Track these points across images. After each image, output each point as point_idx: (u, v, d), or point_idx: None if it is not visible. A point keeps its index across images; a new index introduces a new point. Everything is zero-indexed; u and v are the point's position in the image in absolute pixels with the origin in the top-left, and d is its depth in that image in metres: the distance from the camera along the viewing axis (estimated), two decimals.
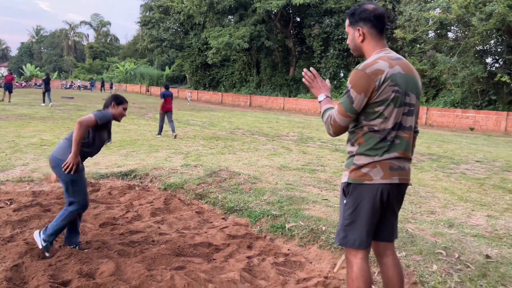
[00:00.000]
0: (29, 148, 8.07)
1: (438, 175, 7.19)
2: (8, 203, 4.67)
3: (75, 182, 3.34)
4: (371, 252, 2.38)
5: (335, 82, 30.86)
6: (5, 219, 4.09)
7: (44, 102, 20.50)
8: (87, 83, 56.28)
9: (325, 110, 2.26)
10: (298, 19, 34.57)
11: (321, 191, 5.67)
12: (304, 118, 22.49)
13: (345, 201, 2.21)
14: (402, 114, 2.12)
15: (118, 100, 3.55)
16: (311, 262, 3.61)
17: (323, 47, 30.57)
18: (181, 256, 3.48)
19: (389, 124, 2.09)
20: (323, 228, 3.99)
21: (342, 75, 31.79)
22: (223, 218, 4.64)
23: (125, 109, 3.57)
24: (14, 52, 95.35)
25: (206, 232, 4.13)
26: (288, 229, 4.10)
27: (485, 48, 21.54)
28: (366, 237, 2.17)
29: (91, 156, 3.59)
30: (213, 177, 5.95)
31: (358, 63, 29.20)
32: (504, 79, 18.83)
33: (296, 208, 4.60)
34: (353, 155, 2.18)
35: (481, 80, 20.44)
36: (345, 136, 2.34)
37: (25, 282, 2.90)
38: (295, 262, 3.57)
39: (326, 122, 2.22)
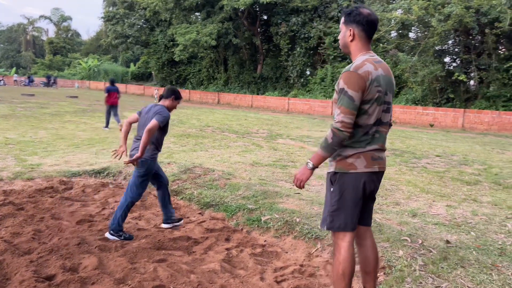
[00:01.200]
0: None
1: (401, 169, 7.57)
2: None
3: (145, 179, 3.90)
4: None
5: (301, 80, 31.39)
6: None
7: None
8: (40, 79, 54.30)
9: (321, 146, 2.36)
10: (265, 17, 34.84)
11: (293, 185, 5.88)
12: (273, 115, 22.78)
13: (332, 189, 2.42)
14: (382, 111, 2.36)
15: (178, 95, 4.12)
16: (286, 252, 3.80)
17: (290, 45, 30.99)
18: (161, 250, 3.58)
19: (372, 120, 2.33)
20: (297, 219, 4.19)
21: (308, 73, 32.37)
22: (199, 213, 4.75)
23: (179, 104, 4.22)
24: None
25: (184, 227, 4.24)
26: (263, 222, 4.27)
27: (444, 48, 22.54)
28: (351, 221, 2.39)
29: (159, 151, 4.05)
30: (188, 174, 6.03)
31: (324, 61, 29.87)
32: (461, 78, 19.83)
33: (271, 202, 4.78)
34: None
35: (439, 78, 21.42)
36: (314, 133, 2.53)
37: (7, 279, 2.91)
38: (271, 252, 3.75)
39: (332, 136, 2.28)
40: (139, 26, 42.23)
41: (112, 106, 12.47)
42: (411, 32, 25.14)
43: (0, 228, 3.86)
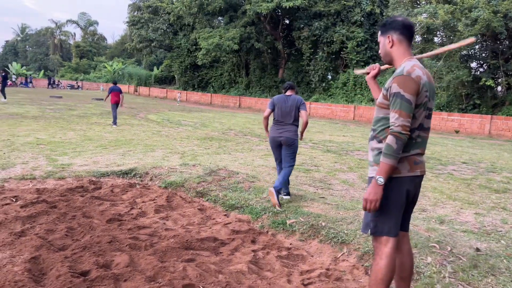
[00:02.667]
0: (26, 147, 8.12)
1: (427, 175, 7.47)
2: (14, 200, 4.76)
3: (296, 150, 5.22)
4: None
5: (323, 84, 31.27)
6: (14, 215, 4.19)
7: (5, 98, 20.94)
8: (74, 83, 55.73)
9: (385, 156, 2.27)
10: (288, 22, 34.92)
11: (317, 189, 5.88)
12: None
13: None
14: (425, 116, 2.37)
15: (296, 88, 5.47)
16: (312, 256, 3.82)
17: (312, 50, 30.94)
18: (189, 250, 3.64)
19: (415, 125, 2.34)
20: (323, 223, 4.20)
21: (330, 77, 32.23)
22: (225, 215, 4.81)
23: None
24: None
25: (210, 228, 4.30)
26: (289, 225, 4.30)
27: (470, 53, 22.12)
28: (395, 226, 2.38)
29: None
30: (213, 176, 6.11)
31: (346, 66, 29.70)
32: (488, 83, 19.40)
33: (295, 205, 4.80)
34: (381, 152, 2.35)
35: (466, 84, 21.00)
36: (336, 137, 2.54)
37: (43, 274, 3.02)
38: (297, 255, 3.77)
39: (396, 140, 2.23)
40: (163, 30, 42.94)
41: (115, 104, 13.82)
42: (436, 36, 24.75)
43: (35, 225, 4.00)
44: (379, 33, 2.53)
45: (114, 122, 13.44)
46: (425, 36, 23.90)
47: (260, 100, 32.33)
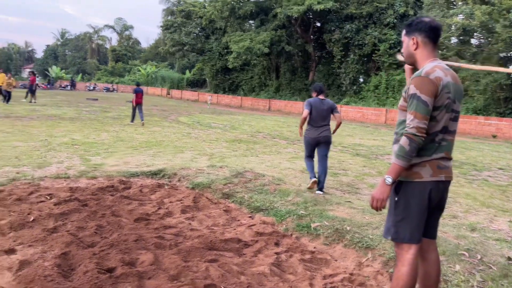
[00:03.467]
0: (62, 147, 8.45)
1: (460, 181, 7.23)
2: (48, 198, 4.96)
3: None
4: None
5: (354, 87, 30.85)
6: (48, 212, 4.37)
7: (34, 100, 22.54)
8: (109, 85, 57.49)
9: (397, 156, 2.24)
10: (319, 24, 34.68)
11: (344, 193, 5.82)
12: None
13: (396, 198, 2.36)
14: (449, 119, 2.31)
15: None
16: (336, 260, 3.77)
17: (343, 52, 30.60)
18: (213, 250, 3.68)
19: (439, 127, 2.28)
20: (348, 228, 4.15)
21: (361, 80, 31.75)
22: (250, 217, 4.83)
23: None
24: (39, 54, 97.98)
25: (235, 229, 4.33)
26: (313, 229, 4.27)
27: (509, 55, 21.25)
28: (417, 232, 2.31)
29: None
30: (239, 178, 6.16)
31: (378, 69, 29.19)
32: None
33: (321, 209, 4.76)
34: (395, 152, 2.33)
35: (504, 87, 20.17)
36: (366, 141, 2.50)
37: (72, 269, 3.14)
38: (321, 259, 3.74)
39: (409, 142, 2.20)
40: (195, 34, 43.66)
41: (138, 105, 14.70)
42: (473, 38, 23.95)
43: (67, 222, 4.15)
44: (404, 32, 2.47)
45: (132, 120, 14.87)
46: (461, 37, 23.18)
47: (290, 103, 32.24)
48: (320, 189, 5.67)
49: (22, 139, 9.19)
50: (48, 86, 51.32)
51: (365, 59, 30.12)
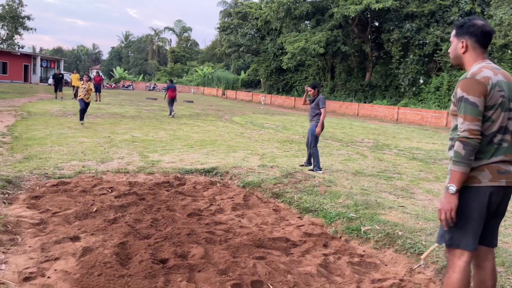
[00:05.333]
0: (123, 143, 8.95)
1: None
2: (109, 191, 5.29)
3: (316, 137, 7.32)
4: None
5: (413, 88, 29.68)
6: (109, 204, 4.67)
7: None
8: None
9: (455, 163, 2.18)
10: (377, 24, 33.76)
11: (397, 198, 5.65)
12: (380, 125, 21.94)
13: None
14: (507, 118, 2.21)
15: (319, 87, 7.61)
16: (386, 265, 3.69)
17: (402, 53, 29.55)
18: (261, 248, 3.75)
19: (495, 127, 2.19)
20: (400, 233, 4.04)
21: (421, 81, 30.46)
22: (299, 217, 4.85)
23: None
24: (105, 56, 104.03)
25: (283, 229, 4.37)
26: (363, 232, 4.20)
27: None
28: (473, 239, 2.23)
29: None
30: (289, 178, 6.19)
31: (439, 69, 27.87)
32: None
33: (372, 212, 4.67)
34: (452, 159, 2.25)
35: None
36: (424, 145, 2.42)
37: (129, 258, 3.34)
38: (370, 263, 3.68)
39: (463, 146, 2.15)
40: (250, 36, 44.23)
41: (172, 99, 17.09)
42: None
43: (125, 214, 4.42)
44: (454, 32, 2.39)
45: (171, 114, 16.86)
46: None
47: (344, 104, 31.68)
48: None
49: (88, 135, 9.85)
50: (113, 85, 54.35)
51: (426, 59, 28.87)
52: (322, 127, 7.29)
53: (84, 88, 12.56)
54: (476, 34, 2.28)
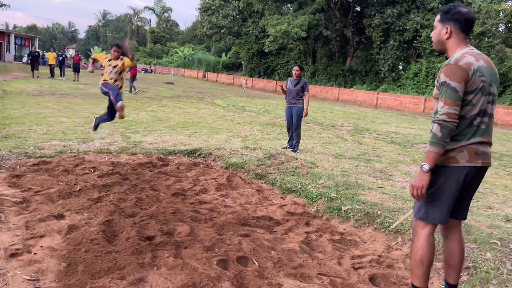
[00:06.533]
0: (104, 124, 8.82)
1: (498, 172, 7.04)
2: (92, 170, 5.27)
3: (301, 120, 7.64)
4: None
5: (393, 74, 30.05)
6: (92, 183, 4.66)
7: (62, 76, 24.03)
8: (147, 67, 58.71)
9: (431, 144, 2.31)
10: (358, 9, 33.84)
11: (376, 179, 5.82)
12: (360, 109, 22.24)
13: (430, 180, 2.39)
14: (487, 102, 2.33)
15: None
16: (365, 242, 3.84)
17: (382, 38, 29.76)
18: (245, 226, 3.84)
19: (475, 111, 2.30)
20: (379, 212, 4.19)
21: (400, 67, 30.85)
22: (281, 197, 4.95)
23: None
24: (82, 35, 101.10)
25: (266, 208, 4.47)
26: (344, 211, 4.34)
27: None
28: (445, 214, 2.39)
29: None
30: (272, 160, 6.28)
31: (418, 56, 28.27)
32: None
33: (352, 193, 4.81)
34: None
35: None
36: (402, 129, 2.53)
37: (115, 235, 3.37)
38: (350, 240, 3.82)
39: (440, 129, 2.26)
40: (232, 17, 43.64)
41: (133, 77, 18.57)
42: None
43: (109, 193, 4.42)
44: (438, 18, 2.48)
45: (131, 91, 18.12)
46: (509, 25, 22.06)
47: (325, 89, 31.86)
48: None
49: (67, 115, 9.67)
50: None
51: (406, 45, 29.18)
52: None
53: (114, 67, 6.17)
54: (460, 21, 2.38)
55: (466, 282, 2.90)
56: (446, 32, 2.42)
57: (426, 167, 2.31)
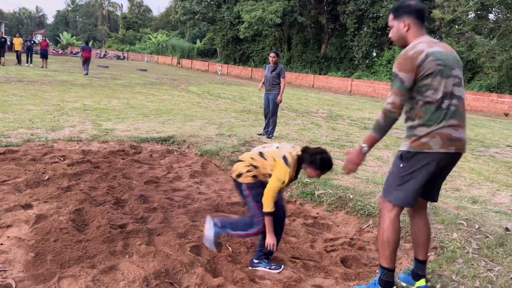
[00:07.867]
0: (74, 112, 8.59)
1: (466, 156, 7.26)
2: (62, 159, 5.13)
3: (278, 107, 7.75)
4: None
5: (367, 61, 30.42)
6: (62, 172, 4.53)
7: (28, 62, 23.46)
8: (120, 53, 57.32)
9: (374, 128, 2.45)
10: None
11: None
12: (334, 96, 22.44)
13: (401, 165, 2.44)
14: (452, 85, 2.34)
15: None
16: (338, 226, 3.91)
17: (356, 25, 30.02)
18: (219, 212, 3.84)
19: (440, 94, 2.32)
20: (351, 196, 4.27)
21: (374, 54, 31.24)
22: None
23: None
24: (50, 20, 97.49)
25: None
26: (317, 196, 4.40)
27: None
28: (414, 198, 2.44)
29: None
30: (246, 146, 6.27)
31: (391, 43, 28.63)
32: None
33: (325, 178, 4.86)
34: (414, 127, 2.40)
35: None
36: (375, 115, 2.57)
37: (86, 224, 3.31)
38: (323, 224, 3.88)
39: (384, 117, 2.37)
40: (206, 3, 42.92)
41: (86, 60, 19.25)
42: (491, 13, 23.31)
43: (80, 182, 4.32)
44: (392, 17, 2.55)
45: (87, 74, 18.92)
46: (478, 12, 22.58)
47: (300, 76, 31.98)
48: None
49: (35, 103, 9.36)
50: (60, 52, 51.41)
51: (379, 32, 29.55)
52: None
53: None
54: (413, 12, 2.46)
55: (434, 261, 3.00)
56: (405, 26, 2.48)
57: (366, 148, 2.46)
